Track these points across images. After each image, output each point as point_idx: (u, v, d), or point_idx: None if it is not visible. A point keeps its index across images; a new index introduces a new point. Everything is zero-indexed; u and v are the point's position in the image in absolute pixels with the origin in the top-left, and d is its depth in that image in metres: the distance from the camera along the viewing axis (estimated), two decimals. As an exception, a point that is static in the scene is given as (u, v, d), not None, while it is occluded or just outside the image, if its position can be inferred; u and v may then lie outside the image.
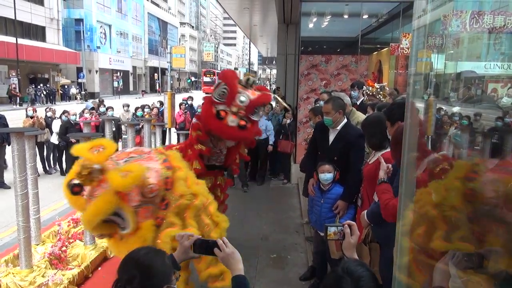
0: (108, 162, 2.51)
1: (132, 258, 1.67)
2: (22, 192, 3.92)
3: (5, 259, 4.19)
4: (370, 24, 9.73)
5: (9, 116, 9.70)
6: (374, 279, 1.46)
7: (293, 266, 4.84)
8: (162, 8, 62.96)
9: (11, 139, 3.90)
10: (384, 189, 2.52)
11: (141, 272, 1.60)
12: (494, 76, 2.84)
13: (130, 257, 1.69)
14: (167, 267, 1.68)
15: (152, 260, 1.65)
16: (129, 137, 6.64)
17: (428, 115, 2.14)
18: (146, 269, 1.62)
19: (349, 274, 1.42)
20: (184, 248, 1.89)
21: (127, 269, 1.64)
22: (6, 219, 6.27)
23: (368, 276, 1.44)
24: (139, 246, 1.85)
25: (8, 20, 28.72)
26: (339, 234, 1.84)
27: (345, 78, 8.41)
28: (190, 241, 1.89)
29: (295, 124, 8.53)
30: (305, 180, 5.04)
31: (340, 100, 4.07)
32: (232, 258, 1.79)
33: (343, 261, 1.53)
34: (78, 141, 8.58)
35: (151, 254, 1.68)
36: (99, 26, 41.08)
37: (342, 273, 1.43)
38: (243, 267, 1.79)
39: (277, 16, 12.52)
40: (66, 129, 8.62)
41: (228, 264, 1.80)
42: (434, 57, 2.27)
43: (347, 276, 1.41)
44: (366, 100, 5.98)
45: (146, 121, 6.63)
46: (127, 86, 47.00)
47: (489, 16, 2.29)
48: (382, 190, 2.53)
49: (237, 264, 1.79)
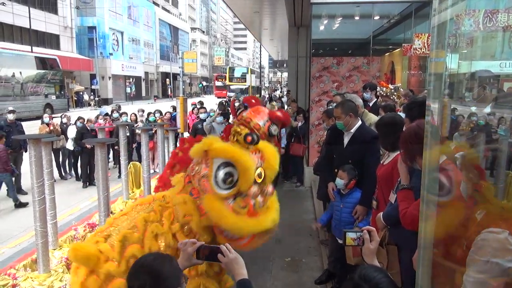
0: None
1: (141, 265, 1.69)
2: (40, 198, 3.99)
3: (24, 264, 4.26)
4: (381, 25, 9.67)
5: (25, 123, 9.91)
6: (393, 285, 1.42)
7: (308, 269, 4.81)
8: (173, 14, 63.52)
9: (28, 145, 3.98)
10: (403, 196, 2.48)
11: (151, 277, 1.63)
12: (510, 75, 2.80)
13: (139, 264, 1.71)
14: (176, 270, 1.72)
15: (161, 265, 1.68)
16: (143, 142, 6.71)
17: (443, 116, 2.12)
18: (156, 274, 1.64)
19: (366, 281, 1.38)
20: (188, 255, 1.91)
21: (137, 276, 1.66)
22: (24, 224, 6.37)
23: (387, 283, 1.39)
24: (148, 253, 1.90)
25: (23, 29, 29.31)
26: (358, 240, 1.82)
27: (357, 80, 8.36)
28: (193, 248, 1.91)
29: (307, 127, 8.51)
30: (319, 183, 5.02)
31: (350, 103, 4.05)
32: (236, 263, 1.82)
33: (360, 267, 1.49)
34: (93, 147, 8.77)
35: (159, 259, 1.71)
36: (112, 33, 41.63)
37: (359, 280, 1.39)
38: (246, 272, 1.82)
39: (288, 19, 12.55)
40: (82, 135, 8.77)
41: (232, 269, 1.83)
42: (448, 57, 2.25)
43: (364, 283, 1.38)
44: (379, 102, 5.94)
45: (159, 126, 6.69)
46: (139, 92, 47.48)
47: (503, 15, 2.26)
48: (401, 197, 2.48)
49: (241, 269, 1.82)
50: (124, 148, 6.66)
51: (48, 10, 32.71)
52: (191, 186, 2.78)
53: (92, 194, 7.56)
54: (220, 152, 2.60)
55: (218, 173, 2.58)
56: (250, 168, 2.57)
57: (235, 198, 2.61)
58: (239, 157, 2.57)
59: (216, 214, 2.55)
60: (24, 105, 22.09)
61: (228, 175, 2.58)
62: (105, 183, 4.60)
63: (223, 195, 2.58)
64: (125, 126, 6.94)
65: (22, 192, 8.11)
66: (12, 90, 21.97)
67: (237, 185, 2.59)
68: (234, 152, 2.59)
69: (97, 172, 4.58)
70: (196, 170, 2.74)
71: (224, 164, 2.59)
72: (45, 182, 4.26)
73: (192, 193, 2.71)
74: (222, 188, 2.58)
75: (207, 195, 2.60)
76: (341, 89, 8.26)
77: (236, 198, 2.61)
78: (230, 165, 2.59)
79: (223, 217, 2.55)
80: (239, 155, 2.58)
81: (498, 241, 1.46)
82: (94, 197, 6.32)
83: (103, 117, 9.99)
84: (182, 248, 1.94)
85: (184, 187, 2.82)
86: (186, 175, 2.89)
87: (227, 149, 2.61)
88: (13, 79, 22.18)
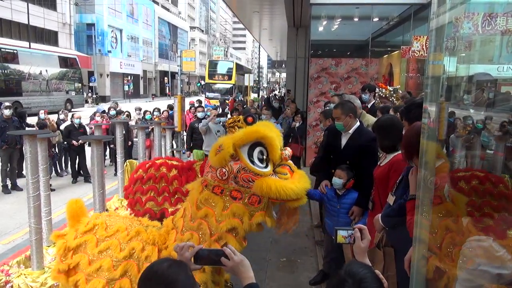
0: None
1: (155, 273, 1.52)
2: (34, 194, 3.97)
3: (17, 260, 4.24)
4: (380, 27, 9.69)
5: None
6: (377, 280, 1.43)
7: (303, 270, 4.81)
8: (172, 12, 63.44)
9: (24, 141, 3.96)
10: (412, 206, 2.43)
11: (165, 286, 1.48)
12: (507, 79, 2.80)
13: (152, 271, 1.54)
14: (191, 279, 1.55)
15: (176, 273, 1.51)
16: (140, 140, 6.69)
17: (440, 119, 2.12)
18: (171, 284, 1.48)
19: (351, 276, 1.39)
20: (185, 260, 1.73)
21: (150, 284, 1.51)
22: (19, 221, 6.34)
23: (371, 278, 1.40)
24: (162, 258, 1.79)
25: (21, 25, 29.21)
26: (349, 238, 1.82)
27: (355, 81, 8.37)
28: (191, 252, 1.75)
29: (305, 128, 8.51)
30: (316, 184, 5.01)
31: (349, 104, 4.04)
32: (242, 266, 1.68)
33: (346, 264, 1.50)
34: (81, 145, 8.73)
35: (174, 267, 1.54)
36: (111, 30, 41.53)
37: (345, 276, 1.40)
38: (253, 275, 1.70)
39: (287, 20, 12.54)
40: (69, 132, 8.75)
41: (239, 273, 1.69)
42: (446, 60, 2.25)
43: (349, 279, 1.39)
44: (377, 103, 5.94)
45: (156, 124, 6.67)
46: (137, 90, 47.37)
47: (502, 18, 2.26)
48: (410, 207, 2.39)
49: (248, 272, 1.68)
50: (120, 145, 6.64)
51: (47, 6, 32.60)
52: (228, 192, 2.64)
53: (88, 192, 7.54)
54: (243, 139, 2.61)
55: (253, 158, 2.62)
56: (273, 137, 2.64)
57: (275, 171, 2.67)
58: (262, 132, 2.62)
59: (275, 189, 2.54)
60: (49, 100, 24.74)
61: (260, 154, 2.63)
62: (101, 180, 4.59)
63: (268, 172, 2.62)
64: (121, 124, 6.91)
65: (17, 188, 8.07)
66: (39, 86, 24.40)
67: (270, 158, 2.65)
68: (253, 131, 2.63)
69: (93, 169, 4.56)
70: (226, 171, 2.63)
71: (250, 148, 2.62)
72: (40, 178, 4.23)
73: (235, 196, 2.62)
74: (263, 168, 2.63)
75: (256, 181, 2.58)
76: (339, 90, 8.27)
77: (276, 170, 2.67)
78: (255, 146, 2.63)
79: (280, 188, 2.54)
80: (258, 130, 2.63)
81: (484, 249, 1.47)
82: (90, 194, 6.31)
83: (100, 115, 9.96)
84: (178, 253, 1.78)
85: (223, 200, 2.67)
86: (203, 180, 2.76)
87: (246, 133, 2.63)
88: (40, 76, 24.58)
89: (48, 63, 25.45)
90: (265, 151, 2.64)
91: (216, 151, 2.60)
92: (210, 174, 2.68)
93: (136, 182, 4.56)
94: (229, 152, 2.55)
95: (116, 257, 2.61)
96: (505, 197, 1.75)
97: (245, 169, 2.58)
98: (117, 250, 2.63)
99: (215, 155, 2.58)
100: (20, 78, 22.81)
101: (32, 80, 23.69)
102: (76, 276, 2.65)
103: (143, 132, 6.77)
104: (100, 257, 2.62)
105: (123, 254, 2.61)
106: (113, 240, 2.67)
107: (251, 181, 2.59)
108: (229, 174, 2.61)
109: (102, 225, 2.76)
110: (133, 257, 2.62)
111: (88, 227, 2.75)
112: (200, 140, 8.04)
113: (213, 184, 2.65)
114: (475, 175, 1.92)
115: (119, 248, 2.63)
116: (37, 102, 23.19)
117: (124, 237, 2.68)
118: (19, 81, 22.70)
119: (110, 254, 2.63)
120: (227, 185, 2.63)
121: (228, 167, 2.61)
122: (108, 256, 2.62)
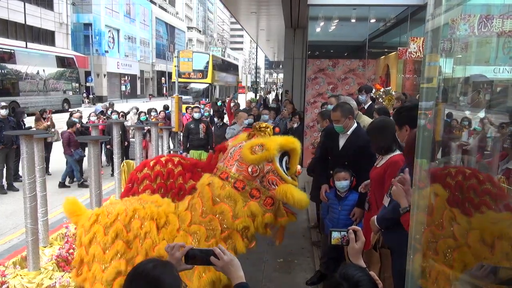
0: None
1: (140, 273, 1.54)
2: (31, 195, 3.95)
3: (13, 261, 4.22)
4: (377, 28, 9.70)
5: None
6: (372, 283, 1.43)
7: (300, 270, 4.81)
8: (170, 12, 63.35)
9: (20, 142, 3.94)
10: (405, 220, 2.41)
11: (150, 287, 1.50)
12: (503, 81, 2.81)
13: (137, 272, 1.56)
14: (177, 279, 1.57)
15: (161, 273, 1.53)
16: (137, 140, 6.68)
17: (437, 120, 2.12)
18: (156, 283, 1.50)
19: (346, 279, 1.39)
20: (176, 260, 1.75)
21: (135, 285, 1.53)
22: (15, 221, 6.32)
23: (367, 281, 1.40)
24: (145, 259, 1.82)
25: (18, 24, 29.11)
26: (343, 240, 1.81)
27: (353, 82, 8.39)
28: (182, 252, 1.76)
29: (302, 128, 8.51)
30: (313, 185, 5.02)
31: (347, 105, 4.06)
32: (232, 265, 1.69)
33: (341, 266, 1.50)
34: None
35: (159, 267, 1.56)
36: (108, 30, 41.44)
37: (340, 279, 1.40)
38: (243, 274, 1.70)
39: (284, 21, 12.53)
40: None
41: (229, 273, 1.70)
42: (442, 61, 2.25)
43: (344, 282, 1.38)
44: (376, 104, 5.96)
45: (153, 124, 6.66)
46: (134, 90, 47.28)
47: (498, 20, 2.27)
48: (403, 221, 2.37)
49: (238, 271, 1.69)
50: (117, 146, 6.63)
51: (43, 6, 32.51)
52: (249, 188, 2.72)
53: (85, 192, 7.52)
54: (283, 146, 2.76)
55: (282, 165, 2.78)
56: (299, 152, 2.87)
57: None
58: (296, 145, 2.82)
59: (297, 198, 2.69)
60: (46, 99, 24.61)
61: (287, 163, 2.83)
62: (98, 181, 4.57)
63: (291, 180, 2.79)
64: (118, 124, 6.90)
65: (14, 188, 8.04)
66: (36, 86, 24.43)
67: (290, 168, 2.86)
68: (291, 141, 2.81)
69: (90, 169, 4.54)
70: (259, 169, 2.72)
71: (280, 156, 2.78)
72: (37, 178, 4.21)
73: (254, 194, 2.71)
74: (289, 176, 2.81)
75: (281, 186, 2.70)
76: (336, 91, 8.28)
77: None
78: (285, 154, 2.81)
79: (298, 199, 2.70)
80: (294, 142, 2.82)
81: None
82: (86, 195, 6.27)
83: (96, 115, 9.94)
84: (169, 253, 1.79)
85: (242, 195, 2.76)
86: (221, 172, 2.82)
87: (287, 141, 2.81)
88: (37, 76, 24.63)
89: (45, 63, 25.44)
90: (288, 161, 2.82)
91: (251, 149, 2.67)
92: (236, 168, 2.74)
93: (143, 180, 4.49)
94: (274, 154, 2.69)
95: (126, 238, 2.72)
96: (488, 195, 1.74)
97: (274, 172, 2.72)
98: (124, 233, 2.72)
99: (251, 153, 2.66)
100: (17, 78, 22.76)
101: (29, 80, 23.70)
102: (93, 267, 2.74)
103: (140, 133, 6.76)
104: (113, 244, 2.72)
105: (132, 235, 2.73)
106: (117, 224, 2.75)
107: (275, 184, 2.71)
108: (260, 173, 2.71)
109: (103, 214, 2.84)
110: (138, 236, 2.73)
111: (92, 220, 2.82)
112: (196, 141, 8.05)
113: (236, 178, 2.70)
114: (461, 171, 1.90)
115: (125, 231, 2.73)
116: (35, 102, 23.18)
117: (124, 219, 2.75)
118: (16, 81, 22.66)
119: (121, 237, 2.72)
120: (251, 182, 2.70)
121: (261, 166, 2.71)
122: (120, 239, 2.72)
